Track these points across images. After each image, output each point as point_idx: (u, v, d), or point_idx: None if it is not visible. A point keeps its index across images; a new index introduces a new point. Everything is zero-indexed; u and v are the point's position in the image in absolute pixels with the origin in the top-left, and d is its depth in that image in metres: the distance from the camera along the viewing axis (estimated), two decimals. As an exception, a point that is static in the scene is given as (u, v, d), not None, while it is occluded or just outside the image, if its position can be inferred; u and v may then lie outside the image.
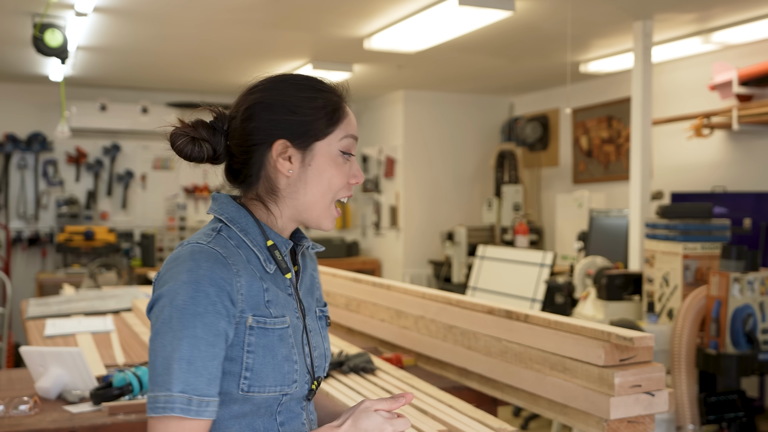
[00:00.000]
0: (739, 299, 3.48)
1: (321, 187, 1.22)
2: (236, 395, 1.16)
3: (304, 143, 1.21)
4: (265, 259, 1.21)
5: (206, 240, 1.17)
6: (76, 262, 6.83)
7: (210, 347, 1.10)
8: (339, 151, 1.23)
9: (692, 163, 5.43)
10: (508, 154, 7.05)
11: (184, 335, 1.09)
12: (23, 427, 2.01)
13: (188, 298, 1.10)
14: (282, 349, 1.19)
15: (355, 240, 7.87)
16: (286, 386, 1.19)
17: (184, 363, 1.08)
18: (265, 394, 1.17)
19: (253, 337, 1.16)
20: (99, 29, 4.83)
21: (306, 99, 1.22)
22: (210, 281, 1.11)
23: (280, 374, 1.18)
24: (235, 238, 1.20)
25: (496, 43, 5.17)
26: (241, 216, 1.22)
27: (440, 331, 2.54)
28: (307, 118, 1.21)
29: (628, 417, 1.85)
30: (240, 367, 1.15)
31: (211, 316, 1.10)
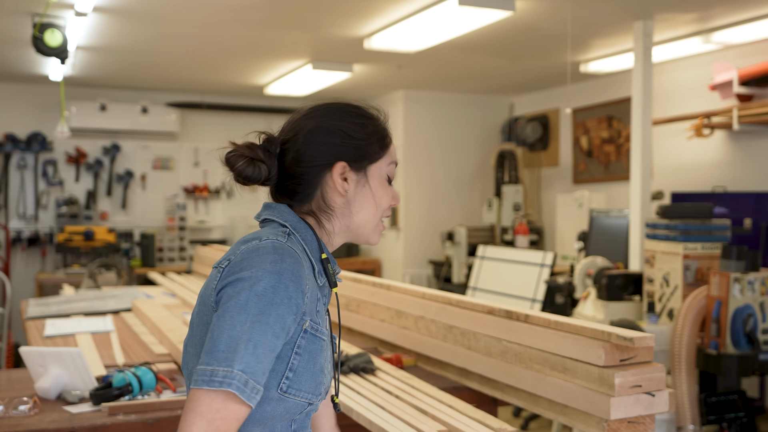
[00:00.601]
0: (739, 299, 3.48)
1: (373, 207, 1.32)
2: (273, 394, 1.18)
3: (360, 166, 1.31)
4: (318, 271, 1.27)
5: (283, 239, 1.22)
6: (75, 262, 6.83)
7: (274, 338, 1.14)
8: (386, 175, 1.35)
9: (692, 163, 5.43)
10: (508, 154, 7.05)
11: (258, 320, 1.12)
12: (23, 427, 2.00)
13: (269, 287, 1.14)
14: (320, 359, 1.24)
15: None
16: (316, 396, 1.24)
17: (251, 346, 1.11)
18: (299, 398, 1.21)
19: (305, 340, 1.20)
20: (99, 29, 4.83)
21: (360, 125, 1.32)
22: (291, 276, 1.16)
23: (315, 383, 1.23)
24: (298, 246, 1.26)
25: (496, 43, 5.16)
26: (302, 227, 1.29)
27: (440, 331, 2.54)
28: (362, 143, 1.31)
29: (629, 417, 1.85)
30: (285, 367, 1.19)
31: (284, 309, 1.14)
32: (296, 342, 1.19)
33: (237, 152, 1.26)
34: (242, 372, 1.09)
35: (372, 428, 2.01)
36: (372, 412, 2.10)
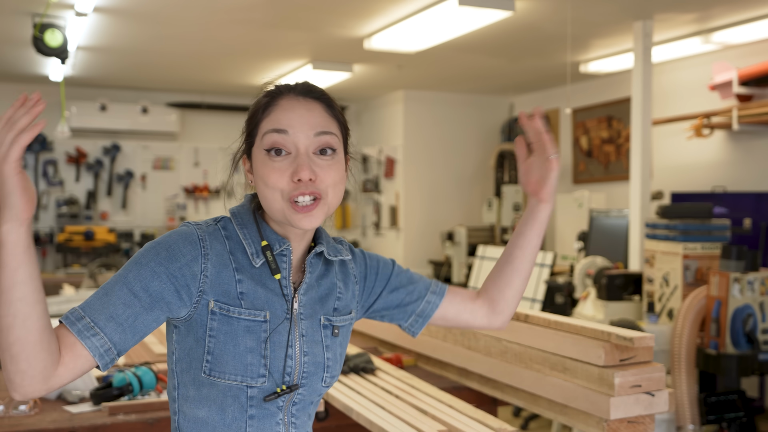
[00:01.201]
0: (739, 299, 3.48)
1: (261, 189, 1.23)
2: (202, 378, 1.20)
3: (249, 153, 1.27)
4: (253, 253, 1.24)
5: (196, 223, 1.25)
6: (76, 262, 6.83)
7: (130, 295, 1.15)
8: (264, 150, 1.22)
9: (692, 163, 5.43)
10: (508, 154, 7.05)
11: (118, 274, 1.18)
12: (23, 427, 2.01)
13: (142, 253, 1.19)
14: (247, 341, 1.20)
15: (355, 240, 7.87)
16: (250, 378, 1.20)
17: (101, 292, 1.16)
18: (226, 381, 1.19)
19: (216, 322, 1.19)
20: (99, 29, 4.83)
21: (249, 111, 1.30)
22: (167, 247, 1.18)
23: (242, 364, 1.19)
24: (230, 229, 1.25)
25: (496, 43, 5.17)
26: (245, 212, 1.28)
27: (440, 331, 2.54)
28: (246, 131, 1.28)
29: (628, 417, 1.85)
30: (203, 350, 1.19)
31: (147, 271, 1.16)
32: (207, 324, 1.19)
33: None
34: (81, 309, 1.13)
35: (372, 428, 2.01)
36: (372, 412, 2.10)
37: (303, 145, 1.21)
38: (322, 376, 1.28)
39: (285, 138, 1.21)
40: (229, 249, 1.23)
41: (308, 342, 1.27)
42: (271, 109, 1.24)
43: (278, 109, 1.23)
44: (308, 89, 1.27)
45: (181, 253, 1.18)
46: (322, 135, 1.23)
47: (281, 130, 1.21)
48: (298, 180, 1.19)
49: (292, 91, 1.26)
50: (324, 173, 1.22)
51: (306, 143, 1.21)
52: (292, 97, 1.25)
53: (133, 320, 1.15)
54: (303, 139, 1.21)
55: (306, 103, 1.25)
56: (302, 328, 1.26)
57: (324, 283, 1.32)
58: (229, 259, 1.23)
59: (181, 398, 1.23)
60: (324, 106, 1.27)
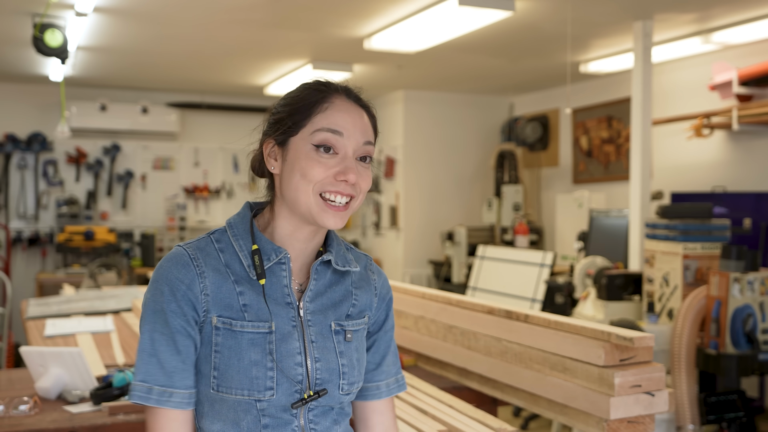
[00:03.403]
0: (739, 299, 3.48)
1: (297, 181, 1.21)
2: (212, 394, 1.22)
3: (282, 140, 1.25)
4: (249, 264, 1.24)
5: (187, 242, 1.27)
6: (76, 262, 6.83)
7: (170, 342, 1.19)
8: (312, 145, 1.21)
9: (692, 163, 5.43)
10: (508, 154, 7.05)
11: (145, 330, 1.20)
12: (23, 427, 2.01)
13: (150, 296, 1.22)
14: (251, 354, 1.20)
15: (355, 240, 7.87)
16: (257, 392, 1.20)
17: (145, 355, 1.19)
18: (233, 396, 1.20)
19: (220, 337, 1.21)
20: (99, 29, 4.83)
21: (290, 99, 1.27)
22: (165, 281, 1.20)
23: (247, 378, 1.20)
24: (225, 241, 1.27)
25: (496, 43, 5.17)
26: (242, 222, 1.28)
27: (440, 331, 2.54)
28: (282, 117, 1.25)
29: (628, 417, 1.85)
30: (210, 366, 1.21)
31: (167, 315, 1.19)
32: (212, 340, 1.21)
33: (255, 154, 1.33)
34: (142, 381, 1.18)
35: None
36: (372, 411, 2.09)
37: (352, 150, 1.23)
38: (338, 383, 1.26)
39: (338, 139, 1.22)
40: (225, 262, 1.24)
41: (319, 348, 1.26)
42: (326, 107, 1.24)
43: (334, 109, 1.24)
44: (358, 96, 1.31)
45: (178, 280, 1.20)
46: (367, 145, 1.26)
47: (337, 132, 1.22)
48: (343, 180, 1.21)
49: (344, 94, 1.28)
50: (362, 179, 1.24)
51: (354, 148, 1.24)
52: (345, 99, 1.27)
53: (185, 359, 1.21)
54: (353, 145, 1.23)
55: (357, 109, 1.28)
56: (311, 335, 1.26)
57: (337, 290, 1.31)
58: (227, 272, 1.23)
59: (198, 415, 1.25)
60: (368, 116, 1.31)
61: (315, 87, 1.27)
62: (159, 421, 1.18)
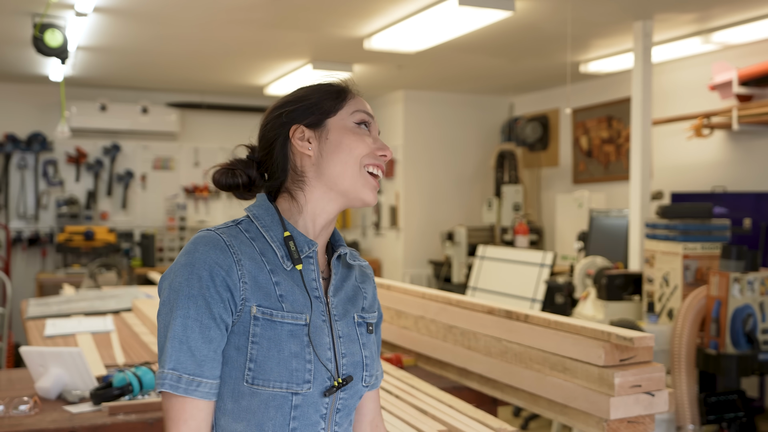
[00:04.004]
0: (739, 299, 3.48)
1: (342, 155, 1.25)
2: (243, 388, 1.17)
3: (317, 122, 1.27)
4: (282, 255, 1.23)
5: (217, 227, 1.22)
6: (76, 262, 6.83)
7: (204, 329, 1.14)
8: (354, 123, 1.28)
9: (692, 163, 5.43)
10: (508, 154, 7.05)
11: (177, 315, 1.14)
12: (23, 427, 2.01)
13: (183, 280, 1.15)
14: (291, 345, 1.19)
15: (355, 240, 7.87)
16: (295, 384, 1.18)
17: (177, 342, 1.14)
18: (270, 389, 1.17)
19: (258, 327, 1.17)
20: (99, 29, 4.83)
21: (310, 90, 1.31)
22: (203, 265, 1.15)
23: (287, 370, 1.18)
24: (253, 231, 1.24)
25: (496, 43, 5.17)
26: (268, 213, 1.26)
27: (440, 331, 2.54)
28: (313, 101, 1.28)
29: (628, 417, 1.85)
30: (245, 358, 1.17)
31: (203, 299, 1.14)
32: (249, 330, 1.17)
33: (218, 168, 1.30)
34: (173, 370, 1.13)
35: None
36: (372, 411, 2.10)
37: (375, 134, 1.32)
38: (362, 375, 1.28)
39: (371, 121, 1.31)
40: (259, 250, 1.22)
41: (345, 342, 1.27)
42: (354, 96, 1.32)
43: (356, 96, 1.33)
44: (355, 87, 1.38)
45: (217, 265, 1.16)
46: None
47: (370, 115, 1.32)
48: (382, 155, 1.28)
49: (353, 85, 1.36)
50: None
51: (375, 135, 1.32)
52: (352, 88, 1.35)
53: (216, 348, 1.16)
54: (374, 131, 1.32)
55: None
56: (338, 329, 1.27)
57: (348, 285, 1.33)
58: (262, 261, 1.21)
59: (218, 411, 1.19)
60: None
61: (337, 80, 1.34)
62: (186, 411, 1.14)
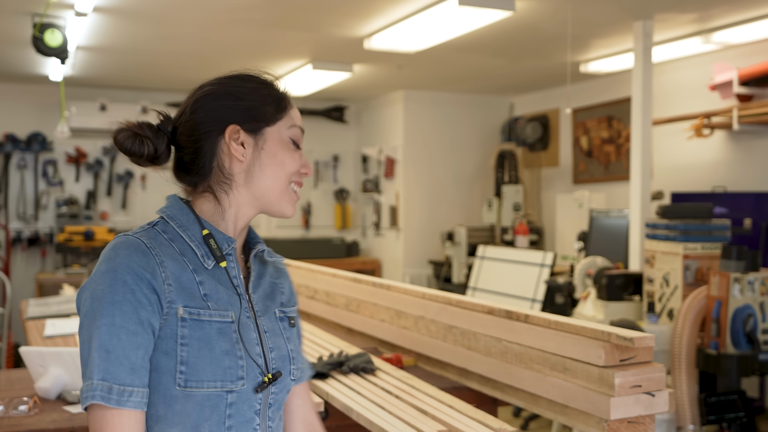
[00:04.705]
0: (739, 299, 3.48)
1: (275, 170, 1.25)
2: (176, 392, 1.14)
3: (255, 128, 1.25)
4: (203, 254, 1.21)
5: (135, 232, 1.19)
6: (75, 263, 6.83)
7: (132, 336, 1.10)
8: (289, 138, 1.27)
9: (692, 163, 5.43)
10: (508, 154, 7.05)
11: (103, 323, 1.09)
12: (23, 427, 2.00)
13: (106, 287, 1.11)
14: (222, 343, 1.17)
15: (355, 240, 7.87)
16: (229, 382, 1.16)
17: (104, 351, 1.08)
18: (204, 389, 1.14)
19: (186, 329, 1.14)
20: (99, 29, 4.83)
21: (252, 89, 1.27)
22: (127, 269, 1.12)
23: (220, 369, 1.16)
24: (171, 232, 1.22)
25: (496, 43, 5.16)
26: (183, 213, 1.24)
27: (440, 331, 2.54)
28: (255, 104, 1.26)
29: (629, 417, 1.85)
30: (175, 361, 1.13)
31: (129, 305, 1.10)
32: (177, 333, 1.14)
33: (125, 129, 1.24)
34: (102, 380, 1.07)
35: (372, 428, 2.01)
36: (372, 412, 2.10)
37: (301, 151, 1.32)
38: (290, 369, 1.28)
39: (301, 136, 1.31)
40: (179, 251, 1.19)
41: (271, 337, 1.27)
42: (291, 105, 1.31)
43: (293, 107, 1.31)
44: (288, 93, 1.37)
45: (142, 268, 1.13)
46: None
47: (302, 129, 1.31)
48: (304, 173, 1.29)
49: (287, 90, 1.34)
50: None
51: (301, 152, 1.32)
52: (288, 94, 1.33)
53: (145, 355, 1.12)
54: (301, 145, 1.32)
55: None
56: (263, 324, 1.26)
57: (265, 281, 1.33)
58: (184, 261, 1.19)
59: (150, 419, 1.15)
60: None
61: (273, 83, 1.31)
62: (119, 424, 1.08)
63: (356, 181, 8.18)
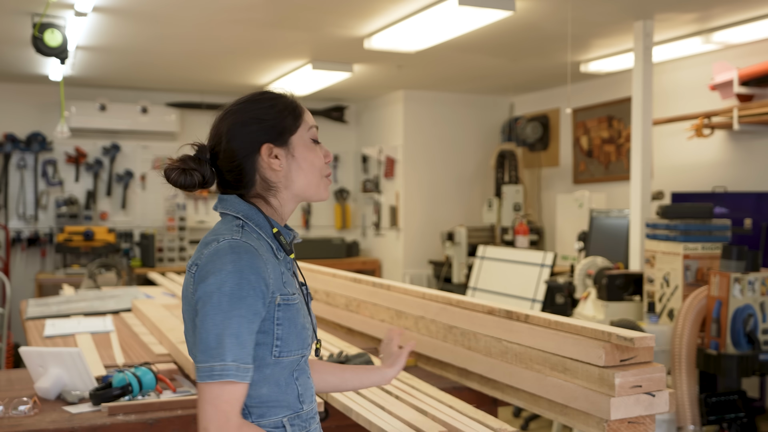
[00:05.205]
0: (739, 299, 3.48)
1: (308, 169, 1.50)
2: (269, 360, 1.40)
3: (283, 141, 1.48)
4: (276, 248, 1.46)
5: (239, 235, 1.40)
6: (75, 263, 6.83)
7: (251, 324, 1.35)
8: (310, 139, 1.51)
9: (693, 163, 5.43)
10: (508, 154, 7.05)
11: (233, 315, 1.33)
12: (23, 427, 2.00)
13: (234, 285, 1.33)
14: (300, 319, 1.44)
15: (355, 240, 7.87)
16: (305, 348, 1.46)
17: (234, 337, 1.32)
18: (291, 357, 1.43)
19: (281, 312, 1.40)
20: (99, 29, 4.83)
21: (269, 107, 1.49)
22: (251, 270, 1.35)
23: (301, 339, 1.44)
24: (255, 232, 1.44)
25: (496, 43, 5.16)
26: (253, 213, 1.46)
27: (440, 331, 2.54)
28: (276, 121, 1.48)
29: (629, 417, 1.85)
30: (272, 338, 1.40)
31: (251, 299, 1.34)
32: (274, 316, 1.39)
33: (171, 166, 1.48)
34: (234, 361, 1.31)
35: (372, 429, 2.01)
36: (372, 412, 2.10)
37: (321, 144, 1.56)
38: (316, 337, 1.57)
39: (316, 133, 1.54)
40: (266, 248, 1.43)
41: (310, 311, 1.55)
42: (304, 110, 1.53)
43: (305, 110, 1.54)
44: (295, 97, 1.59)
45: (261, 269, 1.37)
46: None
47: (317, 126, 1.54)
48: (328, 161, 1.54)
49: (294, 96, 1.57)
50: None
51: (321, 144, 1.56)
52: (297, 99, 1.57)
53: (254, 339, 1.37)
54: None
55: None
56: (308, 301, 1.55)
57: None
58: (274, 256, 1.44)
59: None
60: None
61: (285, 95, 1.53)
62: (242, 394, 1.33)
63: (356, 181, 8.17)
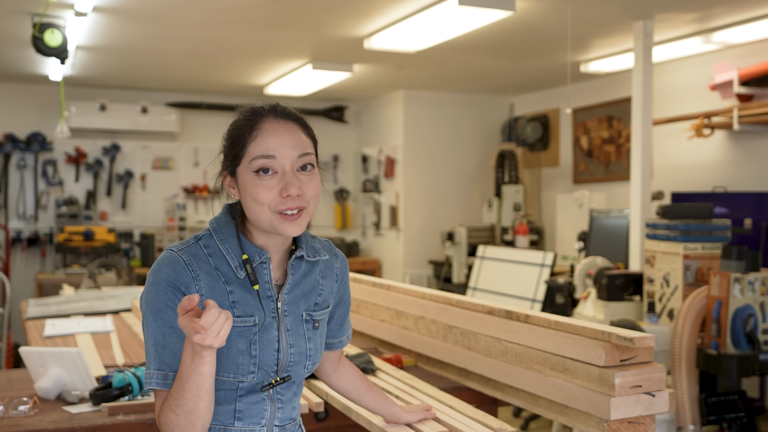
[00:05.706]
0: (739, 299, 3.47)
1: (251, 204, 1.38)
2: None
3: (232, 171, 1.41)
4: (236, 266, 1.40)
5: (179, 247, 1.40)
6: (75, 263, 6.83)
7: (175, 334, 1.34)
8: (253, 172, 1.37)
9: (693, 163, 5.43)
10: (508, 154, 7.05)
11: (154, 326, 1.35)
12: (23, 427, 2.00)
13: (153, 297, 1.36)
14: (238, 344, 1.39)
15: (355, 240, 7.87)
16: (241, 375, 1.39)
17: (156, 347, 1.35)
18: (220, 377, 1.39)
19: None
20: (99, 29, 4.83)
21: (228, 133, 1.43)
22: (167, 284, 1.35)
23: (234, 365, 1.39)
24: (212, 246, 1.41)
25: (496, 43, 5.16)
26: (226, 226, 1.43)
27: (440, 331, 2.54)
28: (226, 150, 1.43)
29: (629, 417, 1.85)
30: None
31: (169, 311, 1.34)
32: None
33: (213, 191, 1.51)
34: (158, 370, 1.34)
35: (372, 428, 2.01)
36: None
37: (289, 166, 1.38)
38: (305, 364, 1.48)
39: (272, 162, 1.37)
40: (214, 265, 1.40)
41: (293, 335, 1.45)
42: (256, 134, 1.38)
43: (263, 134, 1.38)
44: (286, 112, 1.42)
45: (179, 281, 1.35)
46: (303, 156, 1.39)
47: (269, 156, 1.36)
48: (286, 196, 1.36)
49: (272, 114, 1.41)
50: (306, 187, 1.38)
51: (291, 164, 1.38)
52: (272, 119, 1.40)
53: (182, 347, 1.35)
54: (288, 161, 1.38)
55: (287, 125, 1.41)
56: (287, 324, 1.45)
57: (308, 281, 1.50)
58: (217, 275, 1.39)
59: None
60: (301, 127, 1.42)
61: (245, 116, 1.41)
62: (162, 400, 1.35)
63: (356, 181, 8.17)
